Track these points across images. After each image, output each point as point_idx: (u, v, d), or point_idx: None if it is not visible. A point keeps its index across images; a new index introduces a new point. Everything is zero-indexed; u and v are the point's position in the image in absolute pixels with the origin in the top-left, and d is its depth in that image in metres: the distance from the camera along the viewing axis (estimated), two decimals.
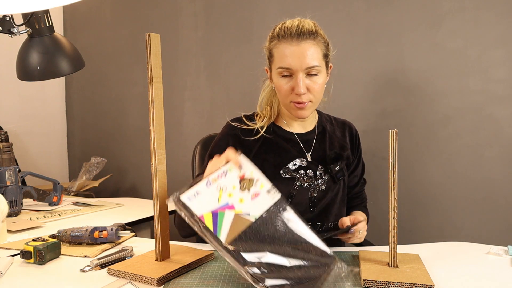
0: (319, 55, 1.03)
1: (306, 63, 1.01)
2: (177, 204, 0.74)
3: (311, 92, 1.04)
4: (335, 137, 1.19)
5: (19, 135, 2.15)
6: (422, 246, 1.00)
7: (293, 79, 1.04)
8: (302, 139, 1.15)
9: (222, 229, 0.75)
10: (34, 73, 1.27)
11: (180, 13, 2.04)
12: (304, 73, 1.03)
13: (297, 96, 1.04)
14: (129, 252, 0.95)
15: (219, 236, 0.74)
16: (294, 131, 1.16)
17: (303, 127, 1.17)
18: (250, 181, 0.84)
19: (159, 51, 0.84)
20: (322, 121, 1.21)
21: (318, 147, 1.16)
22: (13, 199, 1.41)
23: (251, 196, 0.82)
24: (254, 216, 0.80)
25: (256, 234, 0.78)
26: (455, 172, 1.50)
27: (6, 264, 0.89)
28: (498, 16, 1.40)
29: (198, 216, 0.74)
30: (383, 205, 1.54)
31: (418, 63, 1.53)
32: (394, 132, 0.81)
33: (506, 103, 1.41)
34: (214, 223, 0.75)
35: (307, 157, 1.14)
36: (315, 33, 1.03)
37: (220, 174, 0.81)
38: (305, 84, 1.03)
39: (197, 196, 0.76)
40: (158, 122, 0.84)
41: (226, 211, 0.77)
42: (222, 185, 0.80)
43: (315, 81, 1.04)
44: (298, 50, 1.02)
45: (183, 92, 2.05)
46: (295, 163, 1.12)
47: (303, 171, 1.12)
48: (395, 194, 0.82)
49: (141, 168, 2.22)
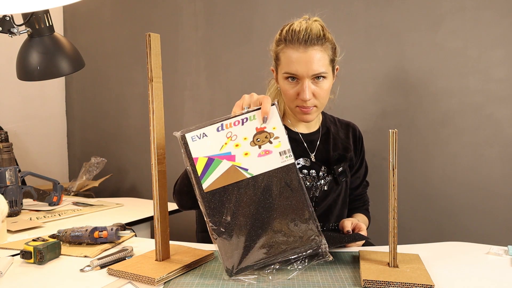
0: (326, 61, 1.03)
1: (313, 70, 1.01)
2: (180, 140, 0.74)
3: (317, 97, 1.04)
4: (339, 139, 1.20)
5: (19, 135, 2.15)
6: (422, 246, 1.00)
7: (299, 84, 1.03)
8: (307, 139, 1.16)
9: (210, 176, 0.74)
10: (34, 73, 1.27)
11: (180, 13, 2.04)
12: (310, 79, 1.02)
13: (302, 102, 1.04)
14: (129, 252, 0.95)
15: (202, 182, 0.74)
16: (298, 131, 1.16)
17: (308, 127, 1.18)
18: (267, 136, 0.78)
19: (159, 51, 0.84)
20: (326, 122, 1.21)
21: (322, 148, 1.16)
22: (13, 199, 1.41)
23: (260, 152, 0.77)
24: (251, 173, 0.76)
25: (242, 194, 0.76)
26: (455, 172, 1.50)
27: (6, 264, 0.89)
28: (498, 16, 1.40)
29: (193, 158, 0.73)
30: (383, 205, 1.54)
31: (418, 63, 1.53)
32: (394, 132, 0.81)
33: (506, 103, 1.41)
34: (205, 168, 0.74)
35: (311, 157, 1.14)
36: (323, 38, 1.02)
37: (238, 121, 0.77)
38: (311, 90, 1.02)
39: (202, 138, 0.74)
40: (158, 122, 0.84)
41: (224, 160, 0.75)
42: (233, 133, 0.76)
43: (321, 86, 1.04)
44: (305, 57, 1.01)
45: (183, 92, 2.05)
46: (298, 162, 1.12)
47: (306, 170, 1.13)
48: (395, 194, 0.82)
49: (141, 168, 2.22)
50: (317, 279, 0.79)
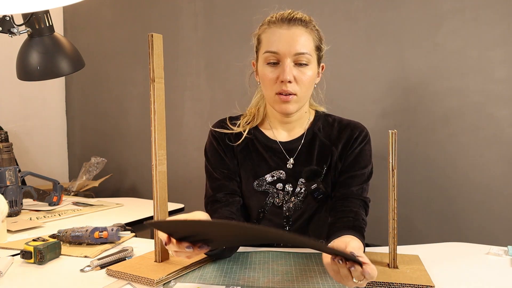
0: (310, 43, 0.96)
1: (295, 49, 0.93)
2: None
3: (298, 83, 0.95)
4: (327, 145, 1.03)
5: (19, 135, 2.15)
6: (422, 247, 1.00)
7: (280, 66, 0.95)
8: (286, 148, 1.04)
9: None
10: (34, 73, 1.26)
11: (180, 13, 2.04)
12: (292, 60, 0.94)
13: (282, 85, 0.94)
14: (129, 253, 0.95)
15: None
16: (278, 137, 1.05)
17: (290, 132, 1.06)
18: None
19: (161, 52, 0.84)
20: (315, 126, 1.06)
21: (303, 158, 1.03)
22: (13, 199, 1.41)
23: None
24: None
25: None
26: (455, 172, 1.50)
27: (6, 264, 0.89)
28: (498, 16, 1.40)
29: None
30: (383, 205, 1.53)
31: (418, 63, 1.53)
32: (393, 132, 0.81)
33: (506, 103, 1.41)
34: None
35: (288, 168, 1.03)
36: (308, 22, 0.97)
37: None
38: (292, 72, 0.94)
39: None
40: (159, 122, 0.84)
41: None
42: None
43: (303, 71, 0.95)
44: (287, 34, 0.94)
45: (183, 92, 2.05)
46: (273, 175, 1.03)
47: (282, 184, 1.02)
48: (395, 195, 0.82)
49: (141, 168, 2.22)
50: (317, 280, 0.79)
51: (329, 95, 1.15)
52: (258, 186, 1.03)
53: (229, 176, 1.05)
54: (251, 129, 1.06)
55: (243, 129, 1.05)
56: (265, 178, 1.03)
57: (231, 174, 1.05)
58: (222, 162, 1.06)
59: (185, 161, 2.02)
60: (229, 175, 1.05)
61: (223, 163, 1.05)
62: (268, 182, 1.03)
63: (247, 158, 1.05)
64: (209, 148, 1.08)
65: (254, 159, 1.05)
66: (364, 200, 1.01)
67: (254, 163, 1.04)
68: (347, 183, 1.01)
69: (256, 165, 1.04)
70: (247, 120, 1.08)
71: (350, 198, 0.99)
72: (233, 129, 1.06)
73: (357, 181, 1.01)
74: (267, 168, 1.04)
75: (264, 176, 1.03)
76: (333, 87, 1.13)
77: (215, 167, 1.05)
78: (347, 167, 1.02)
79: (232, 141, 1.06)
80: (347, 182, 1.01)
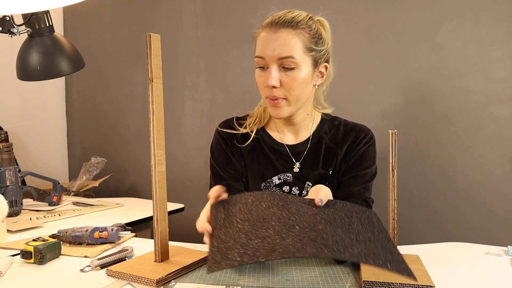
0: (297, 46, 0.92)
1: (279, 53, 0.91)
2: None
3: (285, 88, 0.93)
4: (333, 148, 1.04)
5: (19, 135, 2.15)
6: (422, 247, 1.00)
7: (267, 71, 0.94)
8: (293, 151, 1.04)
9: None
10: (34, 73, 1.27)
11: (180, 13, 2.04)
12: (278, 64, 0.92)
13: (269, 90, 0.94)
14: (129, 253, 0.95)
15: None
16: (284, 140, 1.05)
17: (296, 135, 1.06)
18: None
19: (160, 52, 0.84)
20: (322, 129, 1.06)
21: (309, 162, 1.03)
22: (13, 199, 1.41)
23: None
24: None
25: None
26: (455, 172, 1.50)
27: (6, 264, 0.89)
28: (498, 16, 1.40)
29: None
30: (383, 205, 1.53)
31: (418, 63, 1.53)
32: (393, 132, 0.81)
33: (506, 103, 1.41)
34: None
35: (294, 171, 1.03)
36: (299, 22, 0.93)
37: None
38: (277, 77, 0.92)
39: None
40: (158, 123, 0.84)
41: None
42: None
43: (290, 75, 0.92)
44: (273, 38, 0.92)
45: (183, 92, 2.05)
46: (280, 177, 1.03)
47: (288, 187, 1.02)
48: (395, 195, 0.82)
49: (141, 168, 2.22)
50: (317, 280, 0.79)
51: (329, 95, 1.15)
52: (265, 188, 1.03)
53: (236, 176, 1.05)
54: (258, 130, 1.06)
55: (250, 130, 1.05)
56: (272, 180, 1.03)
57: (238, 175, 1.05)
58: (229, 162, 1.06)
59: (185, 161, 2.02)
60: (236, 176, 1.05)
61: (231, 163, 1.06)
62: (275, 184, 1.03)
63: (255, 159, 1.05)
64: (216, 148, 1.08)
65: (261, 161, 1.04)
66: (366, 199, 1.02)
67: (261, 164, 1.04)
68: (349, 182, 1.02)
69: (263, 167, 1.04)
70: (254, 120, 1.07)
71: (352, 198, 1.00)
72: (240, 129, 1.06)
73: (359, 181, 1.02)
74: (274, 171, 1.04)
75: (272, 178, 1.03)
76: (333, 87, 1.13)
77: (222, 166, 1.05)
78: (350, 167, 1.03)
79: (240, 142, 1.06)
80: (349, 181, 1.02)
